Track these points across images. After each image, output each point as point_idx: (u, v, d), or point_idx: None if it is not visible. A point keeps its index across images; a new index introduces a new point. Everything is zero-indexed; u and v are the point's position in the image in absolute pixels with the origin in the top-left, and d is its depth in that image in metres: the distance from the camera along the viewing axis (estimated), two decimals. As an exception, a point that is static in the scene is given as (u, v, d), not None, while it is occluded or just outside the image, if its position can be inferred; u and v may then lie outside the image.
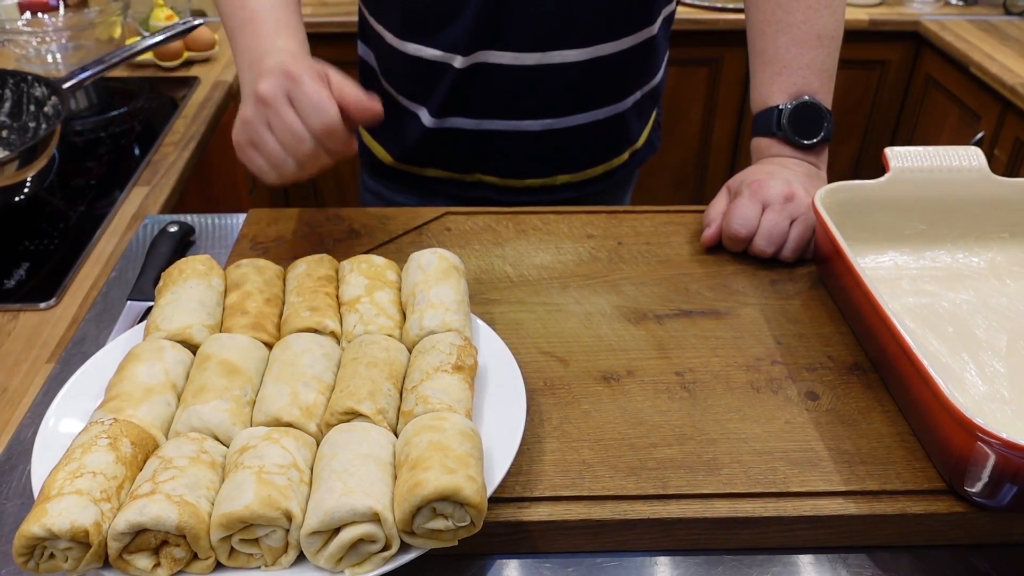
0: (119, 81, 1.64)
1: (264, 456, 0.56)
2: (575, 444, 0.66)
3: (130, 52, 1.32)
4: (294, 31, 0.87)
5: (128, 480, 0.56)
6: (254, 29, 0.86)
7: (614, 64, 1.03)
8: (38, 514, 0.51)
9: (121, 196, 1.20)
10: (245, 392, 0.64)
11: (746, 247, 0.88)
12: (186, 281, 0.73)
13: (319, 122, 0.75)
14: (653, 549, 0.62)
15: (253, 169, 0.81)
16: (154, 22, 1.77)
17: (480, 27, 0.97)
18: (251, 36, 0.86)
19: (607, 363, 0.74)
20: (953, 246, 0.86)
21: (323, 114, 0.74)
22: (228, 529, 0.52)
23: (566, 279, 0.86)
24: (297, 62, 0.78)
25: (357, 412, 0.60)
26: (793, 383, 0.72)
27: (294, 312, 0.72)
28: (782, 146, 0.93)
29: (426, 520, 0.53)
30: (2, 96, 1.23)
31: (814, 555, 0.62)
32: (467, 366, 0.65)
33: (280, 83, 0.76)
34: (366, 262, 0.77)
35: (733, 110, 2.31)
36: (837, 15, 0.93)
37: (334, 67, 0.81)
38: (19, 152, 1.03)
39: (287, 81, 0.75)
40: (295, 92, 0.75)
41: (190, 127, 1.45)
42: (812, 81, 0.93)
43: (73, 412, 0.65)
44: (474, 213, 0.96)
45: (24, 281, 0.98)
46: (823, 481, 0.62)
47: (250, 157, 0.80)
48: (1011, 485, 0.57)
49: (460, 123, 1.06)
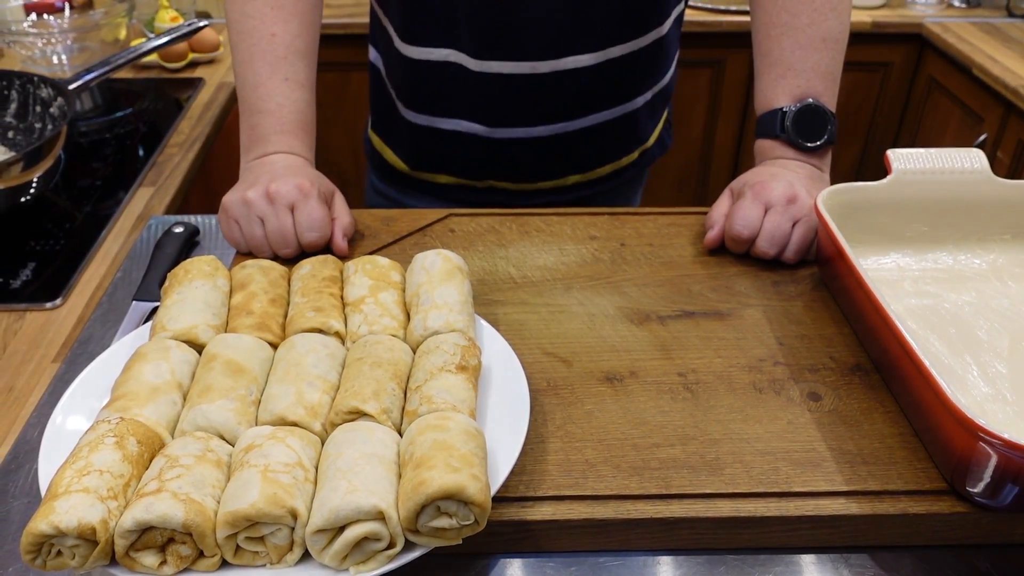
0: (124, 82, 1.64)
1: (269, 455, 0.56)
2: (578, 444, 0.66)
3: (135, 53, 1.33)
4: (309, 136, 0.95)
5: (134, 478, 0.56)
6: (275, 124, 0.92)
7: (625, 65, 1.03)
8: (45, 512, 0.52)
9: (126, 197, 1.20)
10: (250, 392, 0.64)
11: (749, 248, 0.88)
12: (192, 282, 0.74)
13: (310, 236, 0.86)
14: (656, 549, 0.62)
15: (228, 238, 0.89)
16: (159, 24, 1.78)
17: (489, 35, 0.97)
18: (269, 129, 0.92)
19: (610, 364, 0.74)
20: (955, 248, 0.86)
21: (316, 231, 0.86)
22: (234, 527, 0.53)
23: (569, 280, 0.86)
24: (312, 180, 0.88)
25: (362, 412, 0.61)
26: (795, 384, 0.72)
27: (299, 312, 0.72)
28: (785, 148, 0.94)
29: (430, 519, 0.54)
30: (8, 97, 1.24)
31: (816, 555, 0.62)
32: (471, 366, 0.65)
33: (291, 192, 0.86)
34: (370, 263, 0.78)
35: (737, 112, 2.31)
36: (842, 18, 0.93)
37: (340, 193, 0.92)
38: (25, 153, 1.04)
39: (298, 193, 0.86)
40: (300, 205, 0.86)
41: (195, 128, 1.46)
42: (816, 84, 0.93)
43: (80, 411, 0.65)
44: (478, 215, 0.97)
45: (30, 281, 0.98)
46: (825, 481, 0.63)
47: (230, 228, 0.88)
48: (1012, 485, 0.57)
49: (472, 130, 1.06)
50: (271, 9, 0.92)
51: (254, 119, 0.92)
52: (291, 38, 0.93)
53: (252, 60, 0.92)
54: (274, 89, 0.91)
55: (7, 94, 1.24)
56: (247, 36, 0.93)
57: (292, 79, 0.92)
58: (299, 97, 0.93)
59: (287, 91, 0.92)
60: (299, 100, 0.93)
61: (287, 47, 0.92)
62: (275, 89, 0.91)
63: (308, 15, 0.95)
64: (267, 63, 0.92)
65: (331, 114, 2.21)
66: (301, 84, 0.93)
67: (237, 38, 0.94)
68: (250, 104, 0.93)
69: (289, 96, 0.92)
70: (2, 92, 1.24)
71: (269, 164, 0.90)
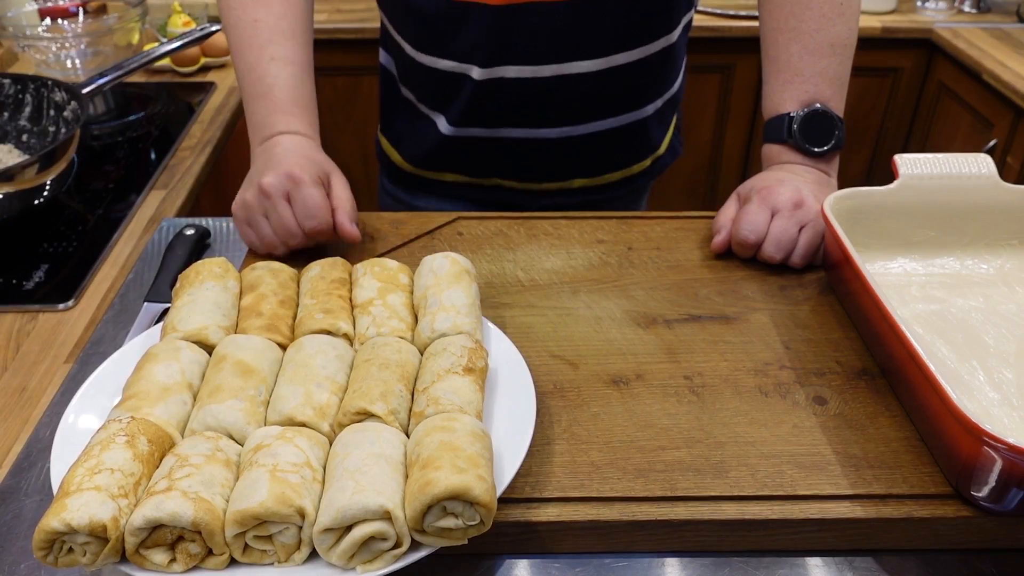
0: (137, 86, 1.66)
1: (278, 455, 0.57)
2: (584, 446, 0.66)
3: (148, 58, 1.34)
4: (306, 111, 0.94)
5: (145, 477, 0.57)
6: (269, 105, 0.92)
7: (633, 73, 1.04)
8: (57, 509, 0.53)
9: (138, 200, 1.21)
10: (259, 392, 0.65)
11: (755, 253, 0.88)
12: (202, 283, 0.75)
13: (310, 224, 0.85)
14: (661, 550, 0.63)
15: (246, 241, 0.89)
16: (171, 28, 1.79)
17: (493, 41, 0.98)
18: (265, 112, 0.92)
19: (616, 367, 0.75)
20: (962, 253, 0.86)
21: (314, 218, 0.85)
22: (243, 525, 0.53)
23: (576, 283, 0.86)
24: (303, 165, 0.86)
25: (369, 412, 0.61)
26: (801, 388, 0.72)
27: (308, 314, 0.73)
28: (793, 153, 0.94)
29: (436, 519, 0.54)
30: (23, 101, 1.25)
31: (821, 558, 0.62)
32: (478, 368, 0.66)
33: (282, 182, 0.85)
34: (379, 265, 0.78)
35: (745, 117, 2.31)
36: (850, 24, 0.93)
37: (338, 171, 0.91)
38: (39, 156, 1.05)
39: (289, 182, 0.84)
40: (294, 193, 0.85)
41: (206, 132, 1.47)
42: (824, 89, 0.93)
43: (91, 410, 0.66)
44: (486, 218, 0.97)
45: (43, 283, 0.99)
46: (830, 485, 0.63)
47: (245, 232, 0.89)
48: (1017, 490, 0.57)
49: (478, 132, 1.07)
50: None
51: (251, 106, 0.93)
52: (274, 20, 0.93)
53: (241, 49, 0.93)
54: (264, 72, 0.92)
55: (21, 98, 1.25)
56: (233, 28, 0.94)
57: (279, 59, 0.92)
58: (289, 74, 0.92)
59: (275, 71, 0.92)
60: (289, 76, 0.92)
61: (271, 29, 0.93)
62: (264, 71, 0.92)
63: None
64: (253, 49, 0.92)
65: (341, 118, 2.23)
66: (290, 62, 0.93)
67: (228, 33, 0.95)
68: (246, 92, 0.94)
69: (278, 75, 0.92)
70: (17, 96, 1.25)
71: (268, 150, 0.90)
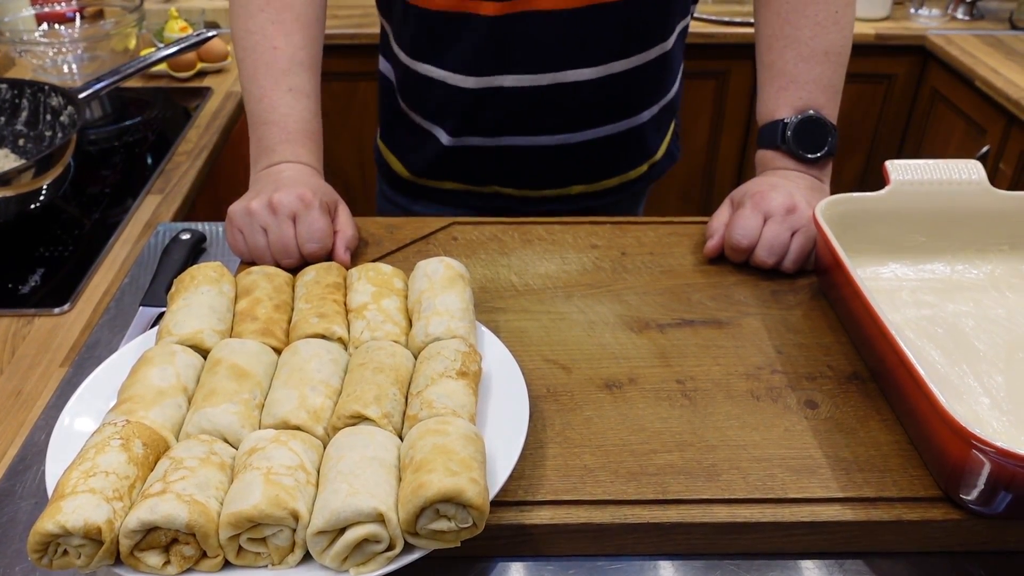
0: (133, 91, 1.66)
1: (272, 458, 0.57)
2: (577, 449, 0.67)
3: (145, 63, 1.35)
4: (316, 145, 0.96)
5: (140, 480, 0.57)
6: (280, 133, 0.93)
7: (630, 80, 1.04)
8: (52, 511, 0.53)
9: (134, 204, 1.22)
10: (254, 396, 0.65)
11: (748, 258, 0.89)
12: (198, 287, 0.75)
13: (310, 247, 0.87)
14: (653, 553, 0.63)
15: (232, 245, 0.89)
16: (168, 34, 1.80)
17: (491, 50, 0.99)
18: (275, 140, 0.93)
19: (609, 371, 0.75)
20: (953, 258, 0.87)
21: (316, 242, 0.86)
22: (237, 528, 0.54)
23: (570, 288, 0.87)
24: (314, 190, 0.88)
25: (363, 416, 0.62)
26: (792, 392, 0.73)
27: (303, 318, 0.73)
28: (786, 159, 0.94)
29: (430, 521, 0.55)
30: (19, 106, 1.25)
31: (812, 560, 0.63)
32: (471, 372, 0.66)
33: (293, 202, 0.86)
34: (373, 270, 0.79)
35: (740, 123, 2.32)
36: (845, 32, 0.94)
37: (344, 203, 0.93)
38: (35, 160, 1.05)
39: (299, 203, 0.86)
40: (302, 215, 0.86)
41: (202, 137, 1.48)
42: (818, 96, 0.94)
43: (87, 413, 0.66)
44: (480, 223, 0.98)
45: (39, 287, 1.00)
46: (821, 488, 0.63)
47: (234, 237, 0.89)
48: (1006, 493, 0.58)
49: (476, 141, 1.08)
50: (272, 24, 0.94)
51: (260, 130, 0.94)
52: (293, 50, 0.94)
53: (256, 74, 0.94)
54: (278, 100, 0.93)
55: (18, 102, 1.25)
56: (251, 51, 0.94)
57: (296, 89, 0.93)
58: (304, 107, 0.94)
59: (291, 101, 0.93)
60: (304, 110, 0.94)
61: (290, 59, 0.94)
62: (279, 100, 0.93)
63: (311, 28, 0.96)
64: (271, 76, 0.93)
65: (338, 124, 2.23)
66: (306, 94, 0.94)
67: (242, 54, 0.95)
68: (256, 116, 0.94)
69: (293, 106, 0.93)
70: (13, 100, 1.25)
71: (276, 174, 0.91)
